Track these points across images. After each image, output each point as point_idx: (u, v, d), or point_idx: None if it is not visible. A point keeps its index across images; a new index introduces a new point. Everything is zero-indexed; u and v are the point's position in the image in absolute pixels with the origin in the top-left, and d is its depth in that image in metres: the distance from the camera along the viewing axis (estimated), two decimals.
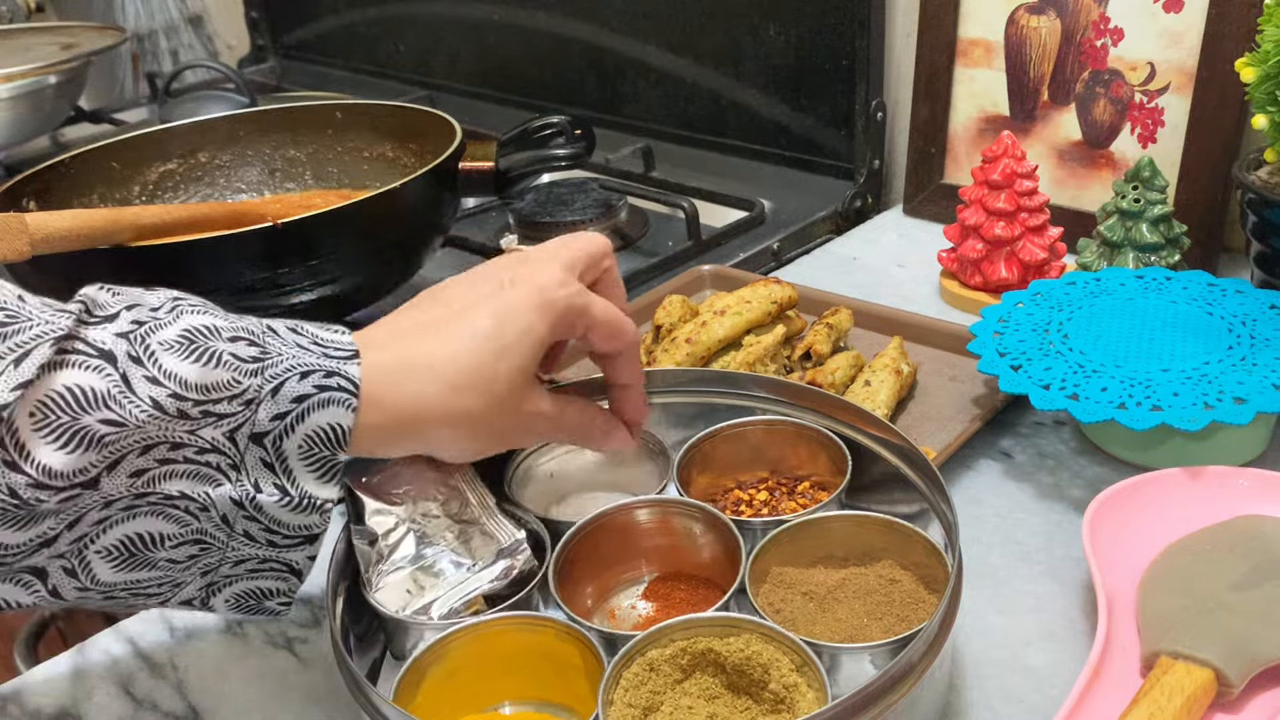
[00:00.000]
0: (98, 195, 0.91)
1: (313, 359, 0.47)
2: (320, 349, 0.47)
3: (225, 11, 1.83)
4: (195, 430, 0.44)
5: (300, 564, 0.49)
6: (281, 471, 0.46)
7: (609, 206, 1.05)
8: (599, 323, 0.53)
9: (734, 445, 0.63)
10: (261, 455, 0.46)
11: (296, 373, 0.46)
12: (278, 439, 0.46)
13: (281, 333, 0.48)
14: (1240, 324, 0.68)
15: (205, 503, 0.46)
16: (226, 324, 0.46)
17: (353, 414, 0.47)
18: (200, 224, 0.77)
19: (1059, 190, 0.95)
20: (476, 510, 0.57)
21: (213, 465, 0.45)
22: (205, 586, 0.49)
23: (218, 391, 0.44)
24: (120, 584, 0.47)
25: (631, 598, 0.58)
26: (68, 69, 1.23)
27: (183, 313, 0.46)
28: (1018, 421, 0.72)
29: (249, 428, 0.45)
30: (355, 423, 0.47)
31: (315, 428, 0.46)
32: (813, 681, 0.47)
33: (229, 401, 0.45)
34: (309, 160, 0.99)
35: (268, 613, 0.51)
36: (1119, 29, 0.90)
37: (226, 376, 0.45)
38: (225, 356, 0.45)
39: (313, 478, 0.47)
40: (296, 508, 0.47)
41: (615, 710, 0.47)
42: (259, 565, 0.49)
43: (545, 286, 0.51)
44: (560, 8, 1.30)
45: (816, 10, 1.06)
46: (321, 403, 0.46)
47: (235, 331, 0.46)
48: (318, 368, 0.47)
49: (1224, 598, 0.53)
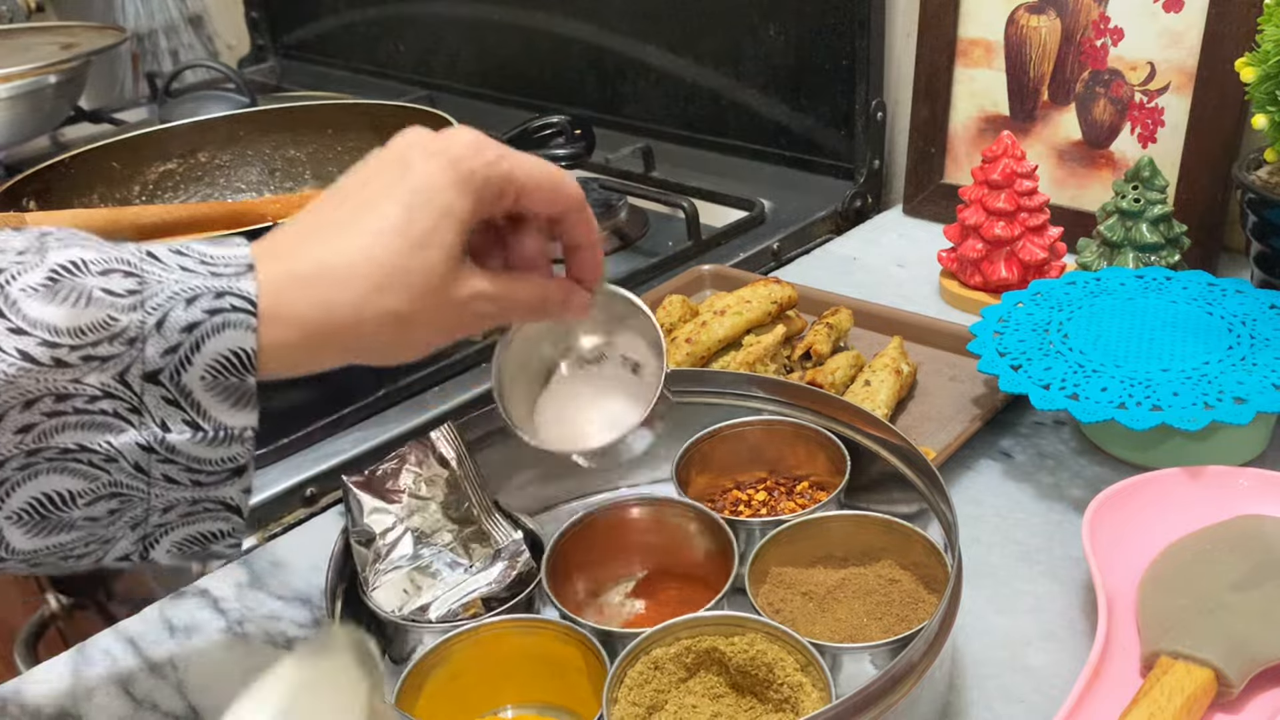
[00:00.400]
0: (98, 195, 0.91)
1: (198, 280, 0.43)
2: (207, 267, 0.43)
3: (225, 11, 1.83)
4: (79, 379, 0.41)
5: (235, 499, 0.46)
6: (189, 406, 0.43)
7: (609, 206, 1.05)
8: (531, 186, 0.48)
9: (733, 445, 0.63)
10: (162, 394, 0.42)
11: (181, 299, 0.42)
12: (174, 374, 0.42)
13: (163, 257, 0.43)
14: (1240, 324, 0.68)
15: (109, 453, 0.42)
16: (98, 255, 0.42)
17: (253, 334, 0.43)
18: (200, 224, 0.77)
19: (1059, 190, 0.95)
20: (475, 510, 0.57)
21: (109, 412, 0.42)
22: (139, 540, 0.46)
23: (94, 333, 0.41)
24: (43, 549, 0.44)
25: (621, 594, 0.58)
26: (68, 69, 1.23)
27: (48, 250, 0.42)
28: (1018, 421, 0.72)
29: (139, 367, 0.42)
30: (259, 343, 0.43)
31: (215, 356, 0.42)
32: (817, 681, 0.47)
33: (109, 343, 0.41)
34: (309, 160, 0.99)
35: (217, 557, 0.48)
36: (1119, 29, 0.90)
37: (101, 315, 0.41)
38: (96, 294, 0.41)
39: (225, 407, 0.43)
40: (214, 441, 0.43)
41: (620, 708, 0.47)
42: (191, 508, 0.45)
43: (460, 158, 0.46)
44: (560, 8, 1.30)
45: (816, 10, 1.06)
46: (215, 328, 0.42)
47: (108, 264, 0.42)
48: (205, 290, 0.42)
49: (1224, 598, 0.53)
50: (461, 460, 0.57)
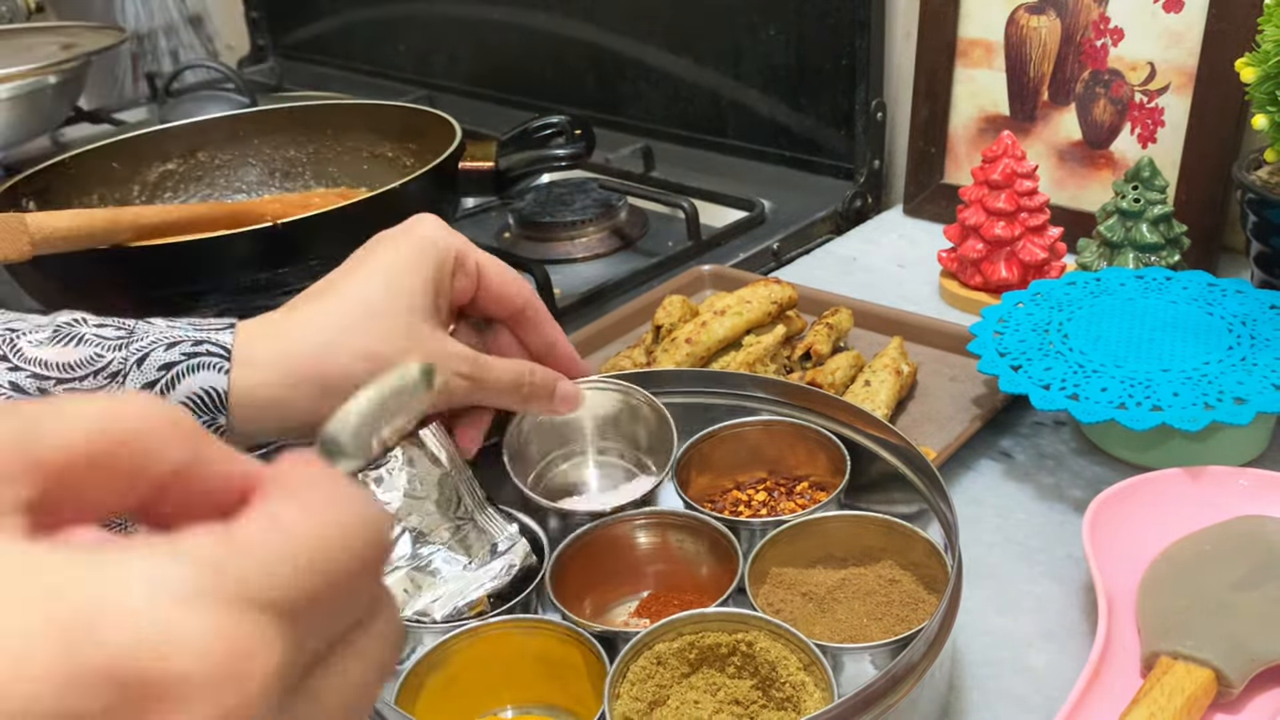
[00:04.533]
0: (98, 195, 0.91)
1: (180, 333, 0.46)
2: (192, 326, 0.47)
3: (225, 11, 1.83)
4: None
5: None
6: None
7: (609, 206, 1.05)
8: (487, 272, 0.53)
9: (733, 446, 0.63)
10: None
11: (162, 344, 0.46)
12: None
13: (155, 321, 0.48)
14: (1240, 324, 0.68)
15: None
16: (97, 316, 0.46)
17: (225, 376, 0.46)
18: (200, 224, 0.77)
19: (1059, 190, 0.95)
20: (470, 506, 0.57)
21: None
22: None
23: (81, 369, 0.44)
24: None
25: (625, 614, 0.58)
26: (68, 69, 1.23)
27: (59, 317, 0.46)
28: (1018, 421, 0.72)
29: None
30: (231, 384, 0.46)
31: (188, 394, 0.45)
32: (819, 681, 0.47)
33: (94, 377, 0.44)
34: (309, 160, 0.99)
35: None
36: (1119, 29, 0.90)
37: (89, 353, 0.44)
38: (89, 337, 0.45)
39: None
40: None
41: (622, 703, 0.47)
42: None
43: (422, 234, 0.51)
44: (560, 8, 1.30)
45: (816, 10, 1.06)
46: (191, 368, 0.45)
47: (104, 320, 0.46)
48: (186, 338, 0.46)
49: (1224, 598, 0.53)
50: (453, 458, 0.57)
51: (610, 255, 1.02)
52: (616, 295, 0.93)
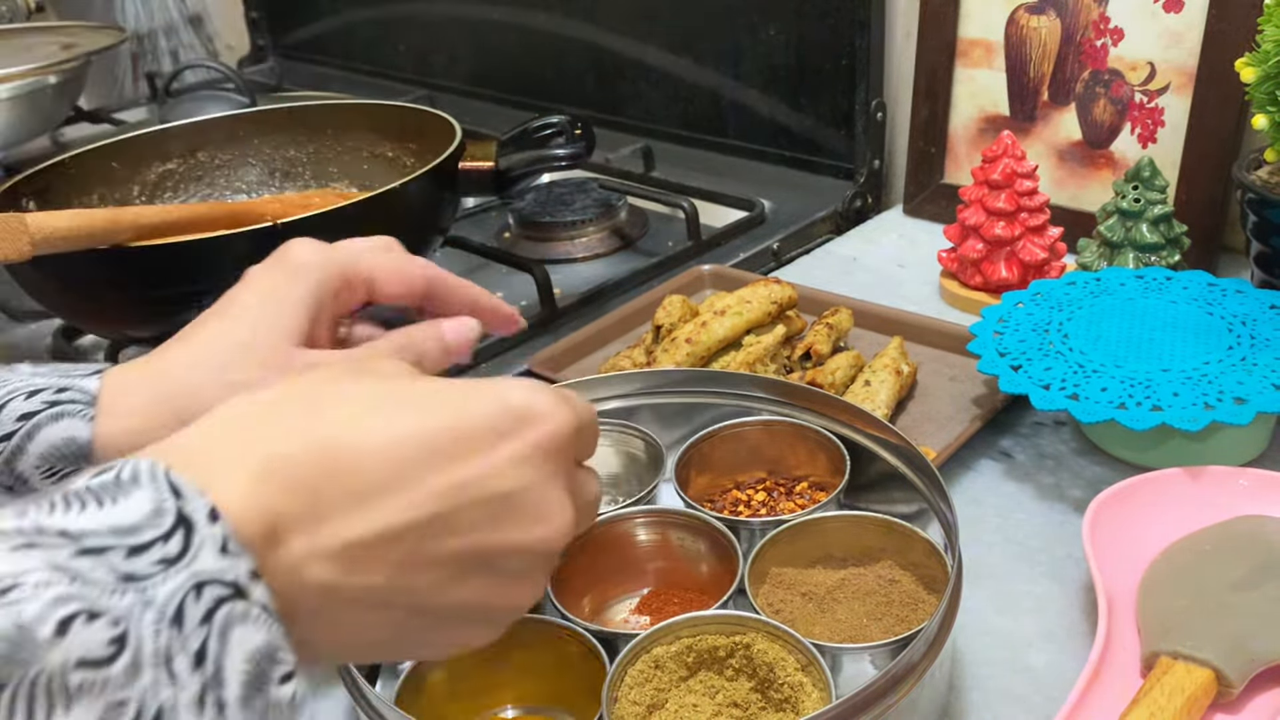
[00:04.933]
0: (98, 195, 0.91)
1: (43, 380, 0.45)
2: (58, 372, 0.45)
3: (225, 11, 1.83)
4: None
5: None
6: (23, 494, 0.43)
7: (609, 206, 1.05)
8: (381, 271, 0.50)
9: (732, 445, 0.63)
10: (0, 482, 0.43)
11: (21, 394, 0.44)
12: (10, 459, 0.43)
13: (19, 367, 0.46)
14: (1240, 324, 0.68)
15: None
16: None
17: (89, 424, 0.44)
18: (200, 224, 0.77)
19: (1059, 190, 0.95)
20: None
21: None
22: None
23: None
24: None
25: (625, 611, 0.58)
26: (68, 69, 1.23)
27: None
28: (1018, 421, 0.72)
29: None
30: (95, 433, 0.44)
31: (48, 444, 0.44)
32: (818, 681, 0.47)
33: None
34: (309, 160, 0.99)
35: None
36: (1119, 29, 0.90)
37: None
38: None
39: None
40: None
41: (620, 707, 0.47)
42: None
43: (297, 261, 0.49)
44: (560, 8, 1.30)
45: (816, 10, 1.06)
46: (52, 417, 0.44)
47: None
48: (48, 386, 0.44)
49: (1224, 598, 0.53)
50: None
51: (610, 255, 1.02)
52: (616, 295, 0.93)
